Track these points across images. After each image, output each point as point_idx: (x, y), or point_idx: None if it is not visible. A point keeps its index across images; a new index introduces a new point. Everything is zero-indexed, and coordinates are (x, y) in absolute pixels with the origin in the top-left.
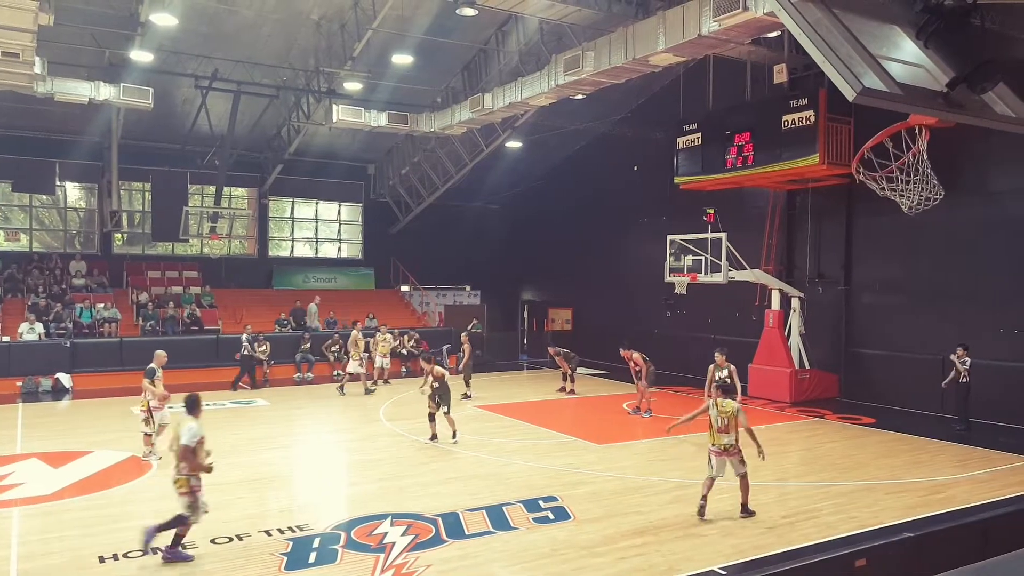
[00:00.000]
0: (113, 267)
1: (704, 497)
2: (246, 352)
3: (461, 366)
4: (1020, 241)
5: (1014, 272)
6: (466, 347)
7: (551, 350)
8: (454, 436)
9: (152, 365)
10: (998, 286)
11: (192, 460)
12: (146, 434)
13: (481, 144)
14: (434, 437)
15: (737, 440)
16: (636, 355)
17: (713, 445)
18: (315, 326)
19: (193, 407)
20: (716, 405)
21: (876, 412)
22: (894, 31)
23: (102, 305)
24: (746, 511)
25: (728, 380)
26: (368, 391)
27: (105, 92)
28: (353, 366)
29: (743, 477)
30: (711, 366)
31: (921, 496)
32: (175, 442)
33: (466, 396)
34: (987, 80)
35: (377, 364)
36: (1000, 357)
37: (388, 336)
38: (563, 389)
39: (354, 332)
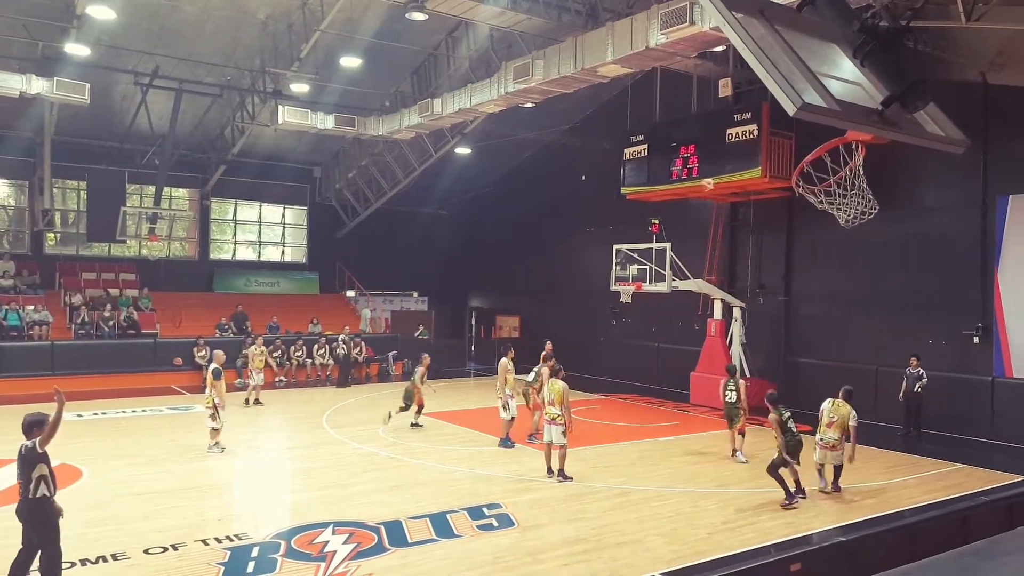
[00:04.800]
0: (44, 268)
1: (549, 462)
2: (342, 352)
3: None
4: (948, 256)
5: (942, 286)
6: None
7: None
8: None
9: (216, 366)
10: (928, 299)
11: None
12: (213, 428)
13: (430, 149)
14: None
15: (565, 414)
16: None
17: (546, 415)
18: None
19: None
20: (548, 384)
21: (813, 420)
22: (833, 49)
23: (32, 307)
24: (563, 476)
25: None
26: (248, 402)
27: (37, 86)
28: (256, 377)
29: (563, 447)
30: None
31: (854, 501)
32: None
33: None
34: (919, 99)
35: (253, 381)
36: (928, 366)
37: (263, 349)
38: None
39: (253, 347)
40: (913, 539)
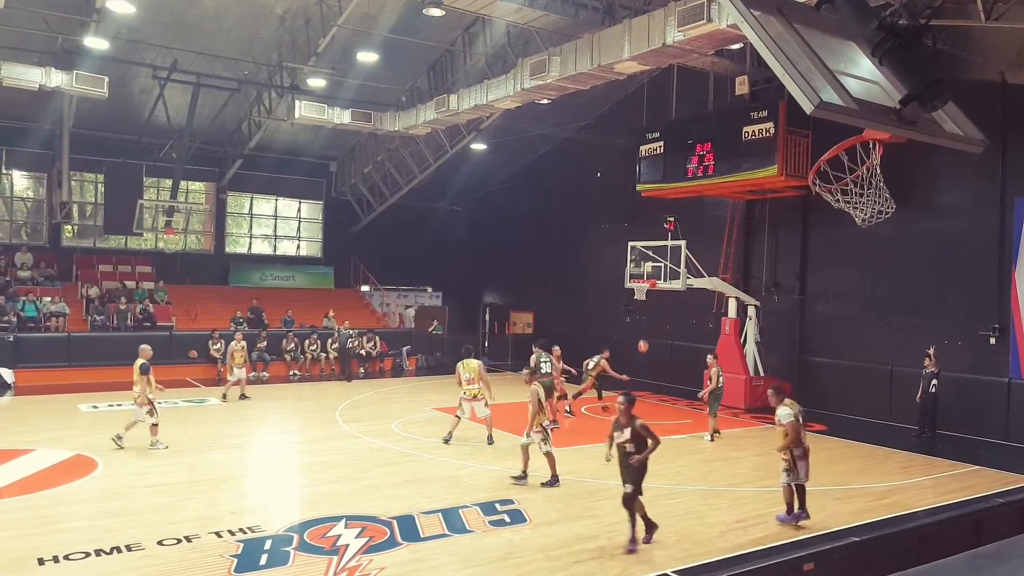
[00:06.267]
0: (62, 260)
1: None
2: (349, 346)
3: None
4: (964, 256)
5: (958, 286)
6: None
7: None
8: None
9: (143, 360)
10: (944, 299)
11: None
12: (153, 424)
13: (446, 145)
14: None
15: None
16: (534, 357)
17: (464, 393)
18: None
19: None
20: (464, 365)
21: (827, 419)
22: (851, 48)
23: (49, 299)
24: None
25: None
26: (225, 397)
27: (57, 79)
28: (237, 373)
29: (487, 418)
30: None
31: (867, 502)
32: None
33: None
34: (937, 98)
35: (234, 377)
36: (944, 367)
37: (243, 344)
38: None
39: (233, 343)
40: (926, 540)
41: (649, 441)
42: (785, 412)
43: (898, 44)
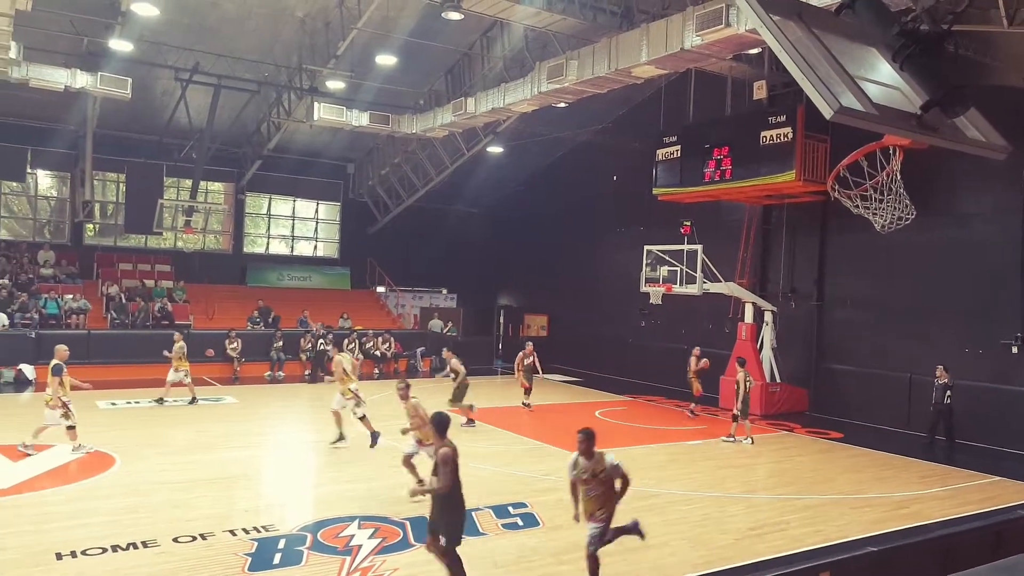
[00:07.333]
0: (83, 258)
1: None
2: (321, 347)
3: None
4: (986, 263)
5: (980, 294)
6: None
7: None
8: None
9: (57, 361)
10: (965, 307)
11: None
12: (69, 427)
13: (463, 148)
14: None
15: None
16: (455, 361)
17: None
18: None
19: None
20: (343, 357)
21: (844, 427)
22: (871, 53)
23: (70, 296)
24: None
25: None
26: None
27: (82, 80)
28: (172, 375)
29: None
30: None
31: (885, 511)
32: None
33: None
34: (959, 104)
35: (170, 379)
36: (964, 376)
37: (183, 344)
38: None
39: (176, 345)
40: (945, 551)
41: (440, 478)
42: (613, 457)
43: (919, 50)
